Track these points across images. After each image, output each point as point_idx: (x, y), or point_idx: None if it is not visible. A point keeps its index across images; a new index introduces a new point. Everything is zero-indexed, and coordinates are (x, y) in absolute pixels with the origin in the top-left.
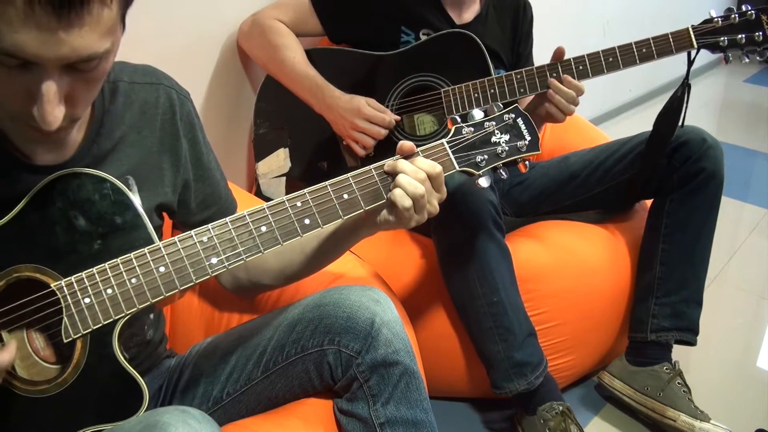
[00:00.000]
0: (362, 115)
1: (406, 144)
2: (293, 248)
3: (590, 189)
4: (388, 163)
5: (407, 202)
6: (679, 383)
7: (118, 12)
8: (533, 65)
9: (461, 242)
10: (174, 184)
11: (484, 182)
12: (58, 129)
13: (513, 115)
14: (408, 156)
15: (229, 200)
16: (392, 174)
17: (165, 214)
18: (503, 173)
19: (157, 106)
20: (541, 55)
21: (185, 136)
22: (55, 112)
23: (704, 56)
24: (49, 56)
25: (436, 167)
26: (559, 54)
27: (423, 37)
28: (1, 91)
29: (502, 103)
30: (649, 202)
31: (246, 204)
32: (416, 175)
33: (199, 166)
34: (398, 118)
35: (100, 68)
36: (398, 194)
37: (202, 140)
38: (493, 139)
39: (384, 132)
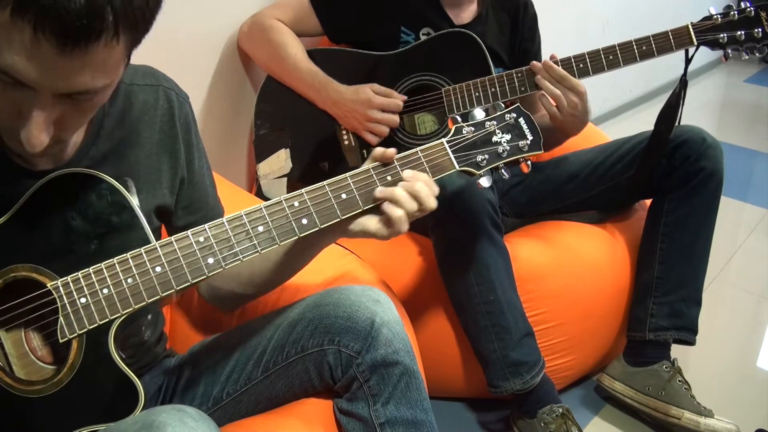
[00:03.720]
0: (374, 105)
1: (388, 152)
2: (260, 255)
3: (590, 189)
4: (379, 190)
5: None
6: (679, 381)
7: (123, 53)
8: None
9: (458, 240)
10: (172, 186)
11: (485, 182)
12: (42, 151)
13: (514, 115)
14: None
15: (217, 209)
16: (385, 199)
17: None
18: (505, 173)
19: (156, 108)
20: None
21: (182, 137)
22: (41, 137)
23: (705, 56)
24: (45, 85)
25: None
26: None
27: (423, 37)
28: None
29: (504, 102)
30: (648, 202)
31: (246, 204)
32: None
33: (190, 170)
34: (405, 97)
35: (95, 99)
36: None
37: (196, 145)
38: (494, 138)
39: (398, 119)
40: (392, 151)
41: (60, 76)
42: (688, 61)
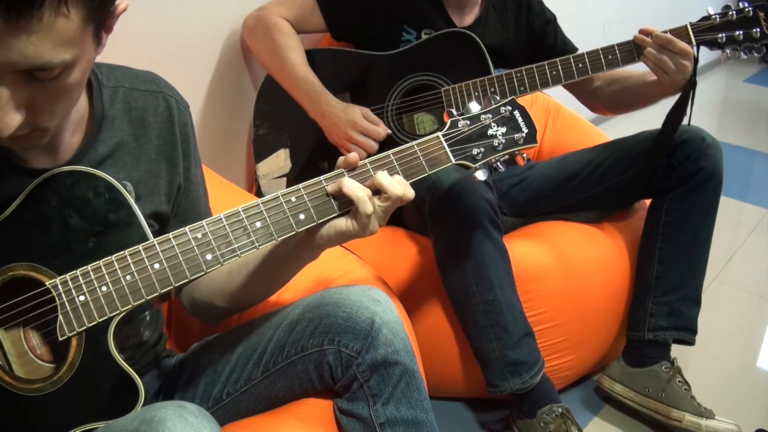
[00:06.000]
0: (357, 127)
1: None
2: (239, 268)
3: (590, 189)
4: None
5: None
6: (679, 381)
7: (81, 25)
8: (573, 50)
9: (457, 240)
10: (169, 193)
11: (481, 175)
12: (16, 137)
13: (510, 108)
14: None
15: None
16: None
17: None
18: (501, 167)
19: (156, 114)
20: None
21: (181, 145)
22: (7, 119)
23: (704, 56)
24: None
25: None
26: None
27: (424, 37)
28: None
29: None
30: (648, 202)
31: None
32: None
33: (187, 179)
34: (389, 131)
35: (62, 80)
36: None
37: (193, 153)
38: (490, 131)
39: (376, 146)
40: (354, 156)
41: (11, 47)
42: (695, 61)
